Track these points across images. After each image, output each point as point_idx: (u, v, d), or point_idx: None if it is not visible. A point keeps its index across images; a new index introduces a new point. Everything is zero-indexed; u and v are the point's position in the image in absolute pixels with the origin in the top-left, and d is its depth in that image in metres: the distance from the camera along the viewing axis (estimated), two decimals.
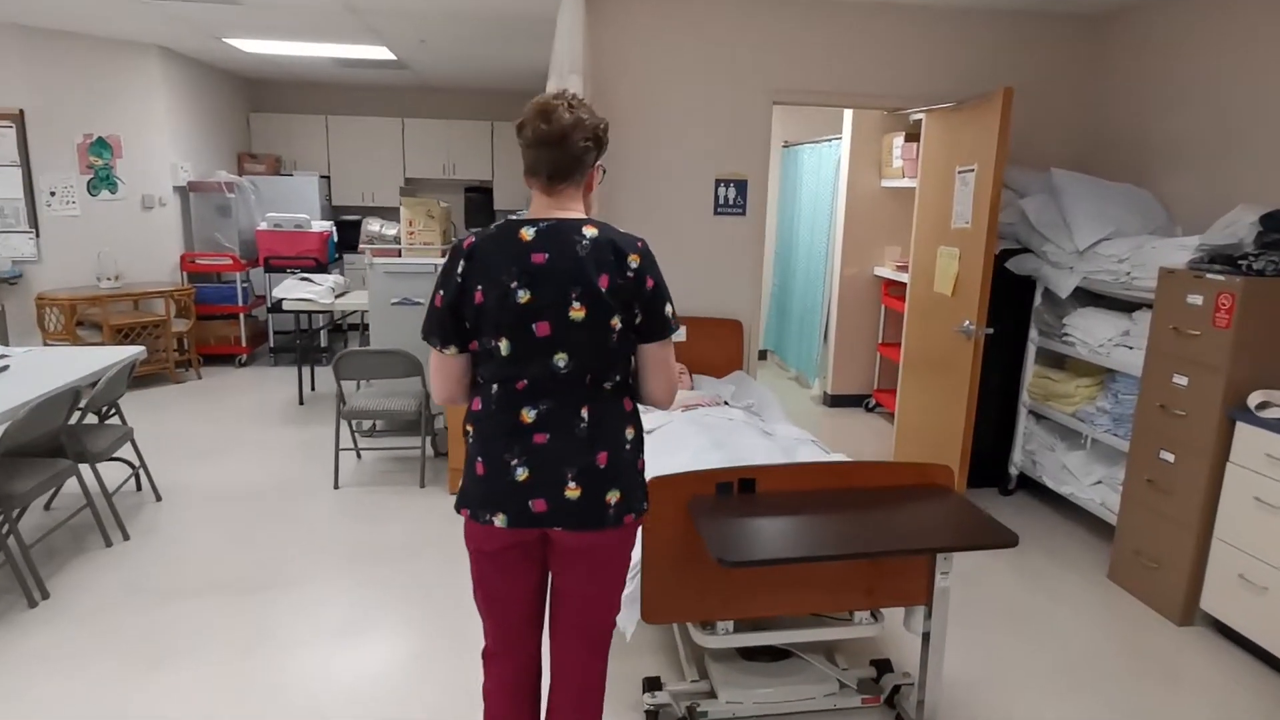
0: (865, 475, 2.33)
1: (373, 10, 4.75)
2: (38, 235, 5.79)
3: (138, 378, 5.95)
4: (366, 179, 8.25)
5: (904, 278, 4.91)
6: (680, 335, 4.37)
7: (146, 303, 6.10)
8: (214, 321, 6.67)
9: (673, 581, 2.21)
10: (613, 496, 1.68)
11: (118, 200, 6.13)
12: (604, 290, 1.61)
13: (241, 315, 6.67)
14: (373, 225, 4.87)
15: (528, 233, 1.64)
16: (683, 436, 3.17)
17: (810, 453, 3.11)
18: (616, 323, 1.64)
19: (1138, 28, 4.22)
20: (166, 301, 5.98)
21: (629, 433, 1.73)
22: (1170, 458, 3.10)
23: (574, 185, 1.71)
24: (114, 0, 4.70)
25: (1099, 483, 3.73)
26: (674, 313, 1.72)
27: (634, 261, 1.65)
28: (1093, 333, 3.71)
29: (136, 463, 3.92)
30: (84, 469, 3.38)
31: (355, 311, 6.23)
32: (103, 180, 6.03)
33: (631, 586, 2.30)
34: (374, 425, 5.03)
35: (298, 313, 5.69)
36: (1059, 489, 3.93)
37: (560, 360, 1.63)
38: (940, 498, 2.25)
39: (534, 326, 1.61)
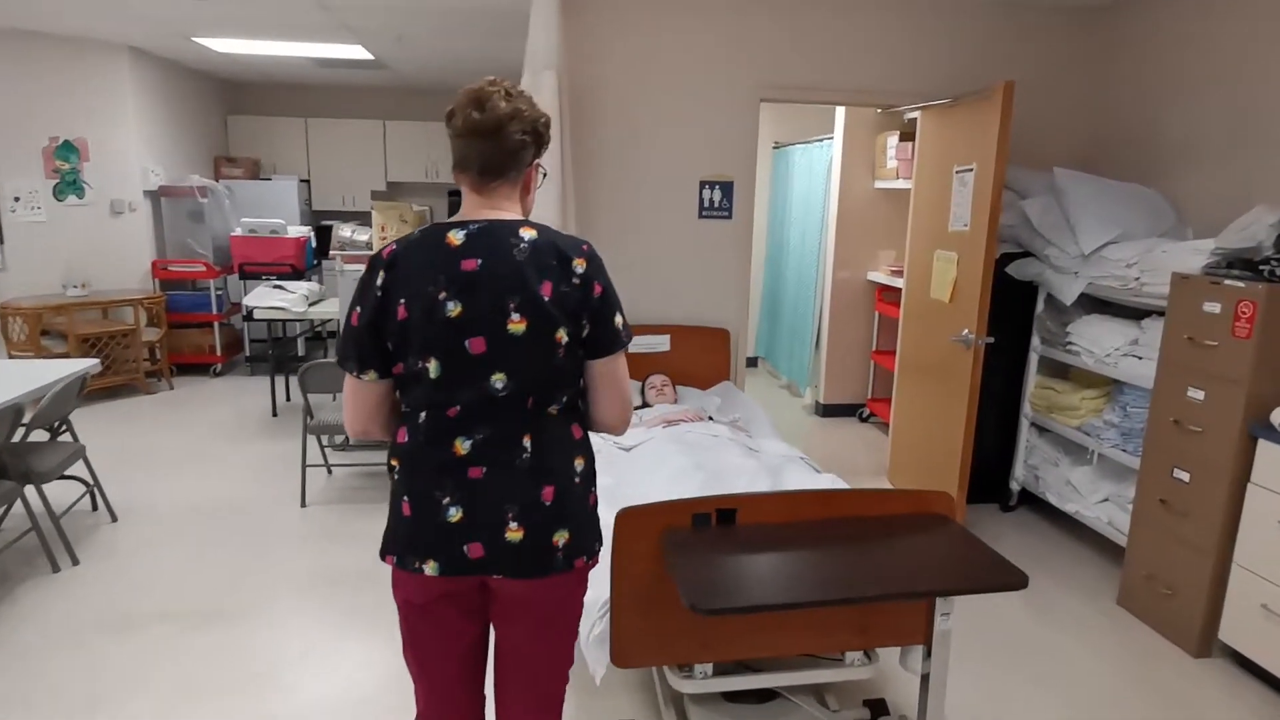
0: (857, 503, 2.12)
1: (344, 6, 4.54)
2: (1, 242, 5.57)
3: (106, 389, 5.73)
4: (347, 182, 8.04)
5: (898, 283, 4.71)
6: (663, 345, 4.19)
7: (116, 311, 5.88)
8: (188, 330, 6.44)
9: (645, 623, 2.00)
10: (560, 537, 1.47)
11: (85, 205, 5.90)
12: (547, 299, 1.41)
13: (216, 324, 6.44)
14: (344, 230, 4.67)
15: (456, 236, 1.44)
16: (662, 455, 2.96)
17: (798, 472, 2.90)
18: (562, 336, 1.43)
19: (1146, 17, 4.03)
20: (136, 310, 5.76)
21: (578, 464, 1.52)
22: (1185, 477, 2.89)
23: (509, 183, 1.50)
24: None
25: (1106, 500, 3.52)
26: (625, 323, 1.52)
27: (580, 266, 1.45)
28: (1099, 342, 3.50)
29: (90, 481, 3.69)
30: (31, 490, 3.17)
31: (334, 319, 6.01)
32: (69, 185, 5.81)
33: (600, 627, 2.09)
34: (347, 438, 4.81)
35: (270, 321, 5.47)
36: (1063, 506, 3.72)
37: (498, 381, 1.42)
38: (940, 529, 2.04)
39: (467, 343, 1.41)
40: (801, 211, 6.03)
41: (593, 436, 2.49)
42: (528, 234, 1.45)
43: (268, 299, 5.29)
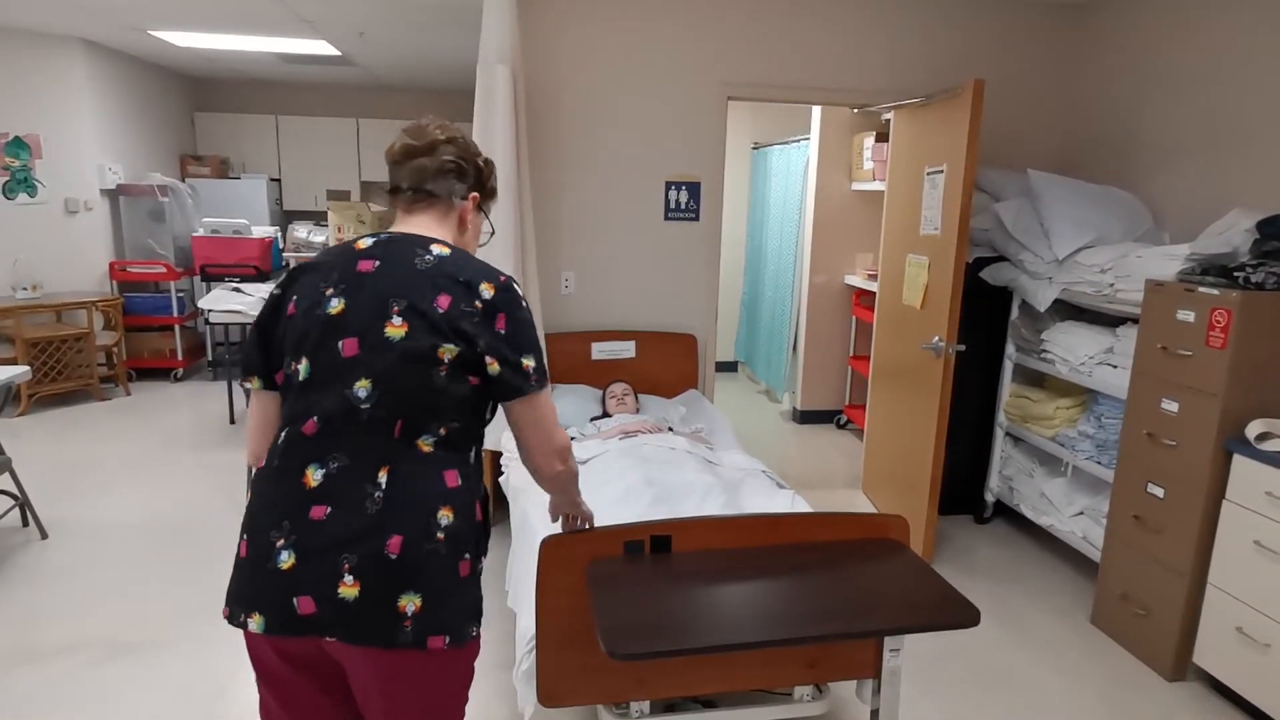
0: (806, 528, 1.98)
1: None
2: None
3: (57, 395, 5.54)
4: (319, 182, 7.86)
5: (875, 287, 4.58)
6: (628, 352, 4.04)
7: (70, 315, 5.69)
8: (148, 334, 6.25)
9: (573, 660, 1.85)
10: (408, 604, 1.22)
11: (37, 204, 5.71)
12: (439, 311, 1.28)
13: (177, 327, 6.25)
14: (299, 231, 4.50)
15: (364, 242, 1.37)
16: (613, 471, 2.81)
17: (757, 487, 2.76)
18: (446, 354, 1.27)
19: (1122, 16, 3.91)
20: (90, 312, 5.57)
21: (443, 517, 1.27)
22: (1159, 492, 2.76)
23: (437, 209, 1.43)
24: None
25: (1081, 514, 3.40)
26: (540, 367, 1.36)
27: (487, 291, 1.32)
28: (1073, 349, 3.38)
29: (18, 495, 3.52)
30: None
31: None
32: (20, 182, 5.61)
33: (528, 662, 1.94)
34: None
35: (229, 325, 5.30)
36: (1037, 519, 3.60)
37: (361, 389, 1.26)
38: (893, 557, 1.90)
39: (340, 344, 1.28)
40: (779, 213, 5.90)
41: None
42: (439, 250, 1.35)
43: (224, 302, 5.10)
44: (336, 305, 1.29)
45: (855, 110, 4.74)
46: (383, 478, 1.25)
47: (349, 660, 1.27)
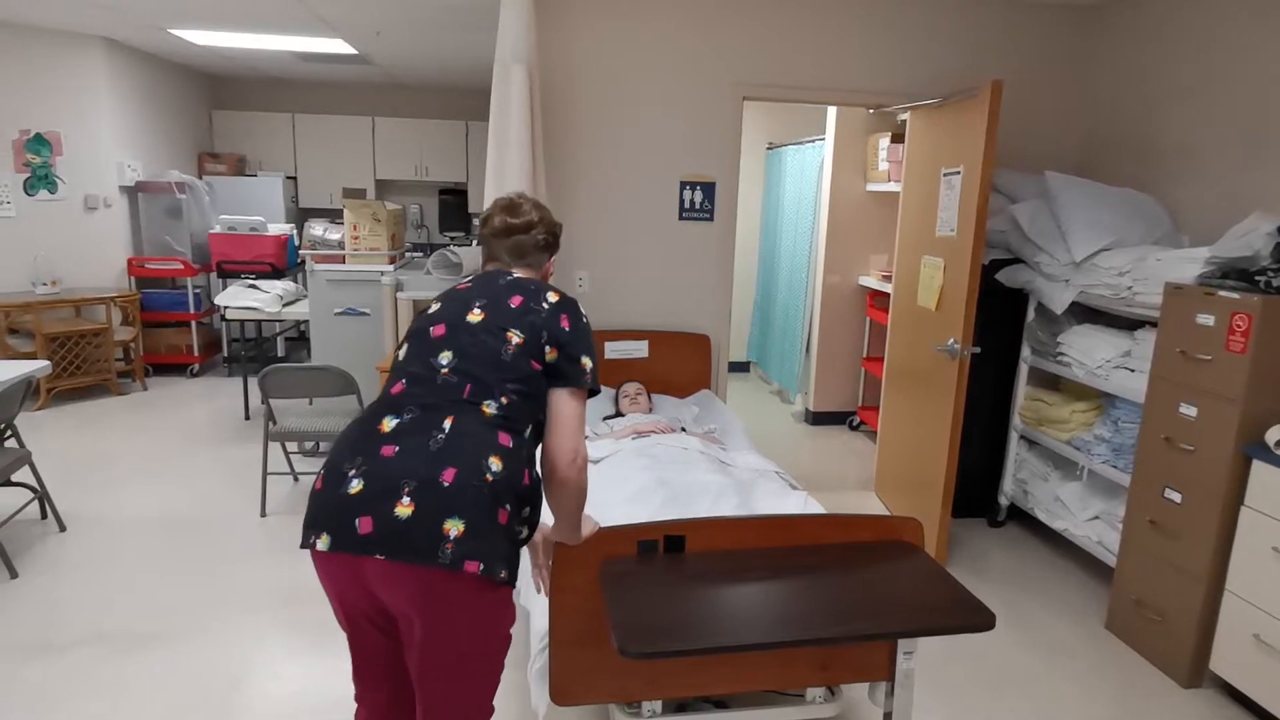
0: (819, 530, 1.97)
1: None
2: None
3: (75, 390, 5.60)
4: (335, 180, 7.90)
5: (889, 288, 4.56)
6: (641, 351, 4.04)
7: (89, 310, 5.75)
8: (164, 330, 6.31)
9: (586, 658, 1.86)
10: (453, 527, 1.36)
11: (57, 200, 5.77)
12: (511, 305, 1.59)
13: (193, 323, 6.31)
14: (315, 229, 4.52)
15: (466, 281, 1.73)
16: (627, 470, 2.82)
17: (770, 488, 2.76)
18: (515, 336, 1.55)
19: (1140, 17, 3.87)
20: (108, 308, 5.63)
21: (494, 463, 1.43)
22: (1177, 497, 2.74)
23: (529, 269, 1.78)
24: None
25: (1096, 518, 3.37)
26: (594, 370, 1.60)
27: (553, 297, 1.64)
28: (1090, 353, 3.35)
29: (37, 488, 3.56)
30: None
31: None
32: (41, 179, 5.67)
33: (541, 661, 1.94)
34: (317, 444, 4.67)
35: (244, 321, 5.34)
36: (1052, 523, 3.57)
37: (444, 358, 1.54)
38: (907, 559, 1.89)
39: (432, 329, 1.60)
40: (793, 214, 5.88)
41: None
42: (519, 273, 1.73)
43: (240, 298, 5.14)
44: (433, 309, 1.65)
45: (871, 111, 4.72)
46: (447, 424, 1.46)
47: (394, 589, 1.38)
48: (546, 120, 3.80)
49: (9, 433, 3.44)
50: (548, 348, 1.55)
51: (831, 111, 5.20)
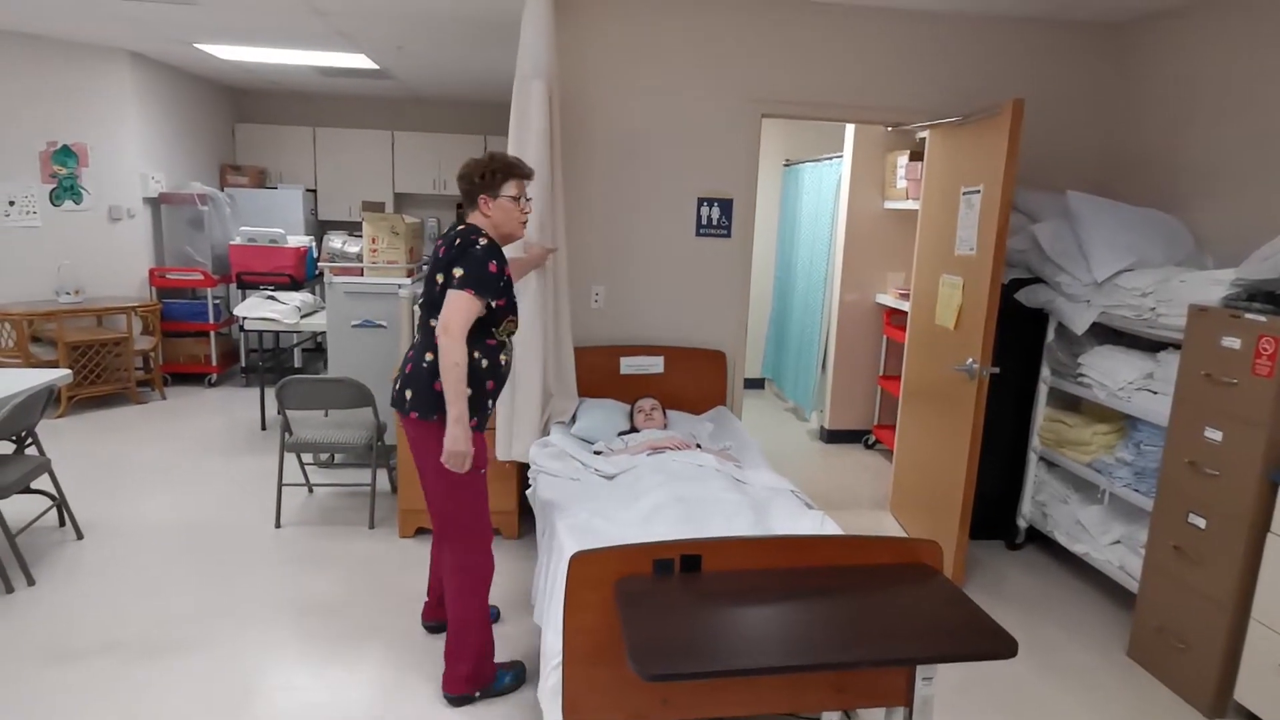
0: (836, 551, 1.95)
1: (340, 13, 4.46)
2: None
3: (96, 398, 5.65)
4: (354, 193, 7.98)
5: (907, 306, 4.53)
6: (656, 367, 4.03)
7: (111, 319, 5.81)
8: (183, 339, 6.37)
9: (598, 677, 1.84)
10: (408, 393, 2.40)
11: (83, 211, 5.85)
12: (438, 255, 2.38)
13: (212, 333, 6.36)
14: (334, 241, 4.55)
15: None
16: (644, 485, 2.80)
17: (786, 507, 2.73)
18: (440, 277, 2.34)
19: (1163, 35, 3.85)
20: (129, 318, 5.69)
21: (428, 357, 2.38)
22: (1201, 523, 2.69)
23: (473, 208, 2.50)
24: (72, 2, 4.43)
25: (1117, 543, 3.32)
26: (465, 277, 2.29)
27: (457, 241, 2.36)
28: (1112, 374, 3.31)
29: (56, 496, 3.58)
30: None
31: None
32: (66, 190, 5.76)
33: (554, 678, 1.93)
34: (332, 456, 4.68)
35: (262, 332, 5.38)
36: (1072, 547, 3.52)
37: (418, 306, 2.50)
38: (925, 583, 1.86)
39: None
40: (810, 230, 5.87)
41: (577, 466, 3.19)
42: (469, 216, 2.50)
43: (259, 309, 5.19)
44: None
45: (889, 129, 4.72)
46: (417, 337, 2.46)
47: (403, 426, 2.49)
48: (565, 135, 3.82)
49: (30, 440, 3.48)
50: (446, 272, 2.31)
51: (849, 128, 5.20)
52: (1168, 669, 2.81)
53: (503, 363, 2.48)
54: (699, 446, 3.39)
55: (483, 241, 2.32)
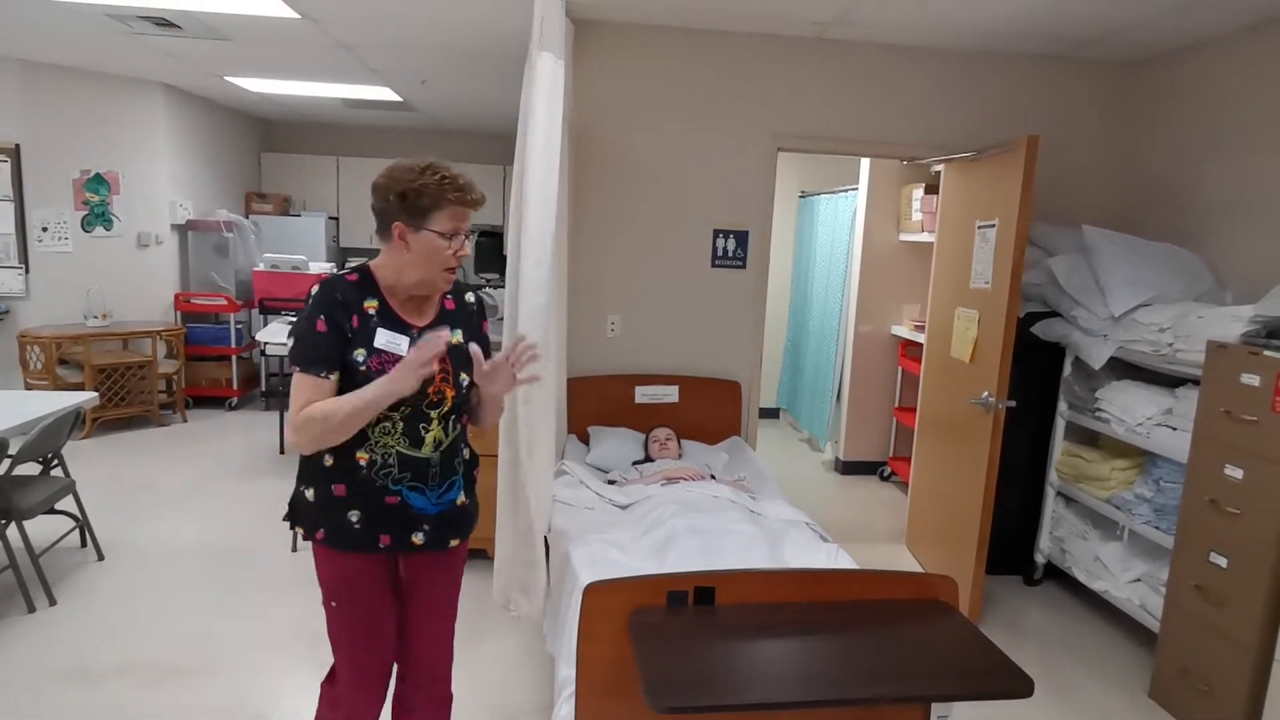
0: (852, 585, 1.95)
1: (366, 47, 4.58)
2: (27, 271, 5.65)
3: (119, 420, 5.74)
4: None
5: (922, 338, 4.53)
6: (671, 396, 4.05)
7: (136, 343, 5.92)
8: (206, 364, 6.47)
9: (612, 709, 1.84)
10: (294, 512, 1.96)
11: (113, 237, 5.99)
12: None
13: (234, 357, 6.46)
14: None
15: None
16: (659, 516, 2.81)
17: (801, 539, 2.72)
18: None
19: (1179, 72, 3.88)
20: (154, 341, 5.79)
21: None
22: (1222, 562, 2.66)
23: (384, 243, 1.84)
24: (110, 37, 4.59)
25: (1138, 580, 3.27)
26: (290, 347, 1.75)
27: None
28: (1130, 409, 3.29)
29: (79, 517, 3.63)
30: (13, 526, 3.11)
31: None
32: (98, 216, 5.90)
33: (566, 709, 1.93)
34: None
35: (282, 357, 5.45)
36: (1091, 584, 3.48)
37: None
38: (942, 619, 1.86)
39: None
40: (825, 262, 5.90)
41: (592, 496, 3.14)
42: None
43: (280, 334, 5.26)
44: None
45: (905, 162, 4.76)
46: None
47: None
48: (582, 167, 3.88)
49: (56, 462, 3.54)
50: None
51: (865, 161, 5.25)
52: (1191, 711, 2.76)
53: (362, 464, 1.74)
54: (713, 477, 3.39)
55: (314, 291, 1.71)
